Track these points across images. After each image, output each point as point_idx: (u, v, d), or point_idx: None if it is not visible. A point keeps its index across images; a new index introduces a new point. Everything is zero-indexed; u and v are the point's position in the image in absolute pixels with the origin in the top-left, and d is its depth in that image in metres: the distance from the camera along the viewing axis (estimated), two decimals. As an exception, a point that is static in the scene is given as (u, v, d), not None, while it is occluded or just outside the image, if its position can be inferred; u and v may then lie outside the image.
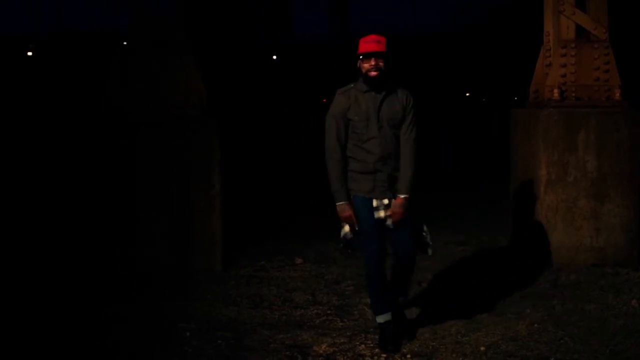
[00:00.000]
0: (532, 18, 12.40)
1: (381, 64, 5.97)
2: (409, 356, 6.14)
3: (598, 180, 8.85)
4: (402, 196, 6.09)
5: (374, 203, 6.10)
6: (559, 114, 8.83)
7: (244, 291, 8.00)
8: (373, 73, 5.98)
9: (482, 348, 6.26)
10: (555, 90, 8.92)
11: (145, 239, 8.65)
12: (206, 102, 8.81)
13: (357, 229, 6.12)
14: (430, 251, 6.46)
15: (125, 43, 9.03)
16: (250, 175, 16.22)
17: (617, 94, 8.99)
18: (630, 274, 8.47)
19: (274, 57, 49.43)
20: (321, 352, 6.19)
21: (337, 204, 6.12)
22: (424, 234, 6.36)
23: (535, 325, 6.80)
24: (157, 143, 8.64)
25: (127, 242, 8.62)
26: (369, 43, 6.00)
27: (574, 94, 9.03)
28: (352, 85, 6.15)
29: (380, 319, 6.30)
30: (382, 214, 6.10)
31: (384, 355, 6.13)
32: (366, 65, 6.00)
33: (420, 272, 8.72)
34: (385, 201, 6.10)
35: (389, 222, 6.12)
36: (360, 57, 6.02)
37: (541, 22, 9.49)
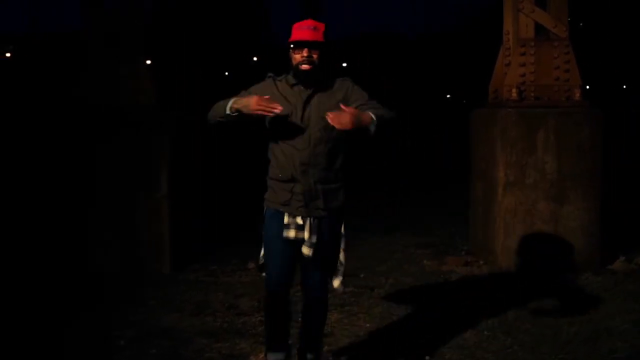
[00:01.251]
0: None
1: (315, 56, 4.97)
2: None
3: (558, 182, 8.63)
4: (371, 114, 4.84)
5: (285, 219, 5.03)
6: (517, 114, 8.61)
7: (189, 297, 7.73)
8: (305, 66, 4.97)
9: (427, 357, 6.01)
10: (514, 90, 8.70)
11: (94, 241, 8.42)
12: (155, 102, 8.57)
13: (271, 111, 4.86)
14: (337, 284, 5.30)
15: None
16: (208, 178, 16.03)
17: (578, 94, 8.78)
18: (590, 279, 8.29)
19: (254, 58, 49.23)
20: (258, 362, 5.94)
21: (235, 107, 4.92)
22: (339, 266, 5.28)
23: (485, 332, 6.57)
24: (105, 140, 8.41)
25: (75, 244, 8.36)
26: (303, 30, 4.99)
27: (533, 94, 8.82)
28: (282, 77, 5.16)
29: (271, 357, 5.30)
30: (292, 234, 5.01)
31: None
32: (297, 57, 5.00)
33: (366, 269, 8.54)
34: (299, 220, 5.00)
35: (304, 249, 5.03)
36: (291, 45, 5.03)
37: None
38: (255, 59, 47.95)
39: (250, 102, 4.85)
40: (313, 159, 5.01)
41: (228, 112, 4.94)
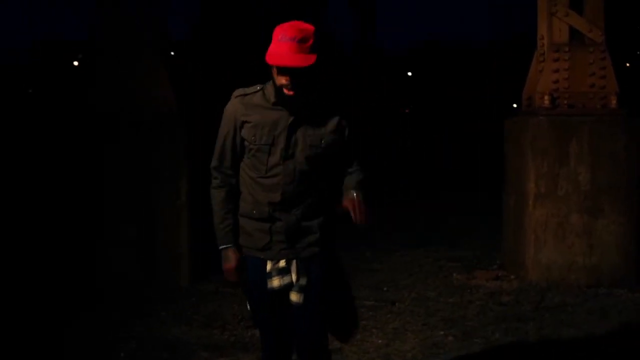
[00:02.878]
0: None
1: (302, 80, 3.98)
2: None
3: (591, 193, 8.24)
4: (356, 193, 4.20)
5: (268, 266, 4.17)
6: (548, 122, 8.25)
7: (203, 309, 7.53)
8: (288, 92, 4.02)
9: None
10: (546, 97, 8.35)
11: (111, 249, 8.24)
12: (176, 108, 8.38)
13: (243, 290, 4.37)
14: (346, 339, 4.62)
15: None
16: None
17: (614, 102, 8.39)
18: (624, 296, 7.89)
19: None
20: (256, 377, 5.69)
21: (220, 248, 4.27)
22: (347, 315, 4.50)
23: (501, 352, 6.23)
24: (124, 146, 8.24)
25: (91, 251, 8.22)
26: (286, 44, 3.92)
27: (566, 101, 8.44)
28: (258, 89, 4.19)
29: None
30: (276, 283, 4.15)
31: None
32: (279, 78, 4.00)
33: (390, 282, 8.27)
34: (282, 264, 4.17)
35: (293, 296, 4.18)
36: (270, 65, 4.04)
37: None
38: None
39: (224, 261, 4.21)
40: (298, 194, 4.15)
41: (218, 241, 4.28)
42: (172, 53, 20.90)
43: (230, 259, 4.19)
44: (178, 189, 8.31)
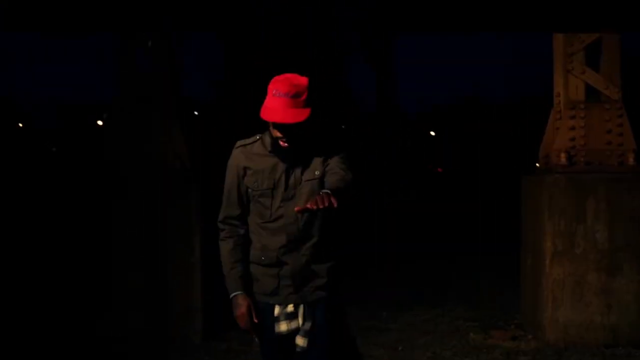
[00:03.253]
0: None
1: (296, 132, 4.11)
2: None
3: (609, 252, 8.12)
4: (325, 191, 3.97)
5: (276, 311, 4.25)
6: (565, 180, 8.17)
7: (214, 366, 7.44)
8: (283, 144, 4.16)
9: None
10: (563, 155, 8.28)
11: (123, 303, 8.20)
12: (189, 164, 8.38)
13: (256, 338, 4.39)
14: None
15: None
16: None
17: (631, 159, 8.30)
18: (644, 356, 7.72)
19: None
20: None
21: (231, 296, 4.33)
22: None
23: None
24: (136, 202, 8.24)
25: (103, 304, 8.18)
26: (280, 99, 4.03)
27: (583, 159, 8.36)
28: (258, 139, 4.33)
29: None
30: (284, 327, 4.24)
31: None
32: (274, 131, 4.16)
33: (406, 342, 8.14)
34: (290, 308, 4.24)
35: (298, 340, 4.24)
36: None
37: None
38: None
39: (234, 308, 4.27)
40: (303, 234, 4.21)
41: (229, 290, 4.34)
42: (196, 113, 21.04)
43: (240, 305, 4.26)
44: (191, 245, 8.26)
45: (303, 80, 4.09)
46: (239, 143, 4.36)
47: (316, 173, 4.22)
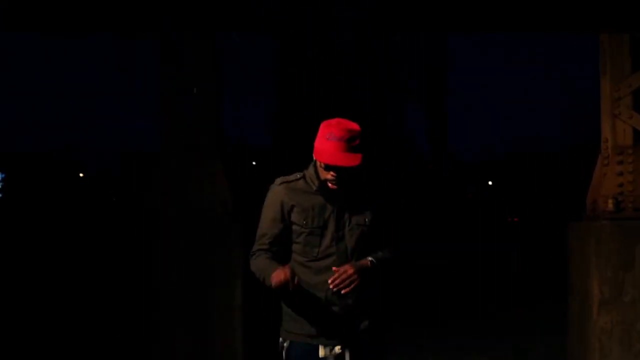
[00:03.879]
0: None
1: (348, 176, 4.19)
2: None
3: (659, 300, 7.92)
4: (370, 258, 4.26)
5: (321, 352, 4.21)
6: (612, 227, 8.01)
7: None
8: (332, 186, 4.22)
9: None
10: (610, 201, 8.12)
11: (163, 348, 8.17)
12: (232, 209, 8.38)
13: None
14: None
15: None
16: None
17: (681, 205, 8.12)
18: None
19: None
20: None
21: (270, 282, 4.15)
22: None
23: None
24: (176, 247, 8.22)
25: (143, 348, 8.16)
26: (334, 143, 4.09)
27: (631, 205, 8.19)
28: (299, 177, 4.36)
29: None
30: None
31: None
32: (325, 173, 4.21)
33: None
34: (338, 349, 4.22)
35: None
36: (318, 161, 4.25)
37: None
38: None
39: (275, 279, 4.09)
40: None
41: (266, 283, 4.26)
42: (254, 163, 21.13)
43: (281, 274, 4.04)
44: (233, 292, 8.22)
45: (355, 126, 4.15)
46: (280, 180, 4.37)
47: (366, 220, 4.28)
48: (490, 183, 48.63)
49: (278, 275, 4.05)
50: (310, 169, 4.33)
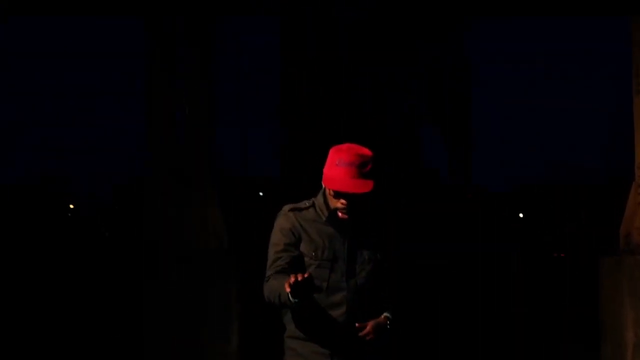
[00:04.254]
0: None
1: (359, 204, 3.98)
2: None
3: (700, 343, 7.22)
4: (386, 314, 4.03)
5: None
6: (647, 262, 7.36)
7: None
8: (343, 216, 3.99)
9: None
10: (645, 234, 7.46)
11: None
12: (227, 244, 7.85)
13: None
14: None
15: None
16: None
17: None
18: None
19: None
20: None
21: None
22: None
23: None
24: (167, 284, 7.72)
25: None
26: (345, 169, 3.90)
27: (668, 238, 7.52)
28: (308, 205, 4.10)
29: None
30: None
31: None
32: (335, 201, 3.98)
33: None
34: None
35: None
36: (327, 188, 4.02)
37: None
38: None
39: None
40: (360, 308, 3.98)
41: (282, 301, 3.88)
42: (261, 194, 20.70)
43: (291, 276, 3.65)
44: (228, 333, 7.67)
45: (367, 151, 3.97)
46: (288, 207, 4.10)
47: (378, 256, 4.09)
48: (521, 215, 47.92)
49: (290, 280, 3.69)
50: (320, 198, 4.09)
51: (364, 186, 3.88)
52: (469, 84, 12.29)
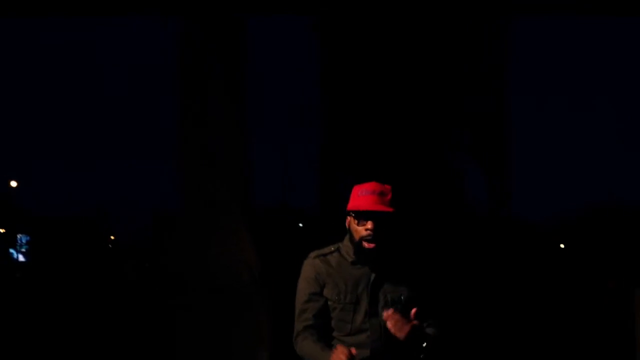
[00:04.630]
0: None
1: (382, 230, 4.12)
2: None
3: None
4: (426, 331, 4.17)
5: None
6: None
7: None
8: (369, 245, 4.12)
9: None
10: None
11: None
12: (259, 275, 7.81)
13: None
14: None
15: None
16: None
17: None
18: None
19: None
20: None
21: None
22: None
23: None
24: (196, 315, 7.67)
25: None
26: (366, 196, 4.14)
27: None
28: (334, 250, 4.30)
29: None
30: None
31: None
32: (360, 229, 4.13)
33: None
34: None
35: None
36: (352, 214, 4.20)
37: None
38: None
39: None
40: (386, 350, 4.15)
41: None
42: (300, 225, 20.76)
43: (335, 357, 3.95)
44: (259, 364, 7.62)
45: (388, 185, 4.21)
46: (314, 253, 4.36)
47: (402, 299, 4.22)
48: (562, 246, 47.18)
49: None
50: (345, 241, 4.31)
51: (384, 205, 4.11)
52: (509, 115, 12.19)
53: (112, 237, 35.77)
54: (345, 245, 4.28)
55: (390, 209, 4.11)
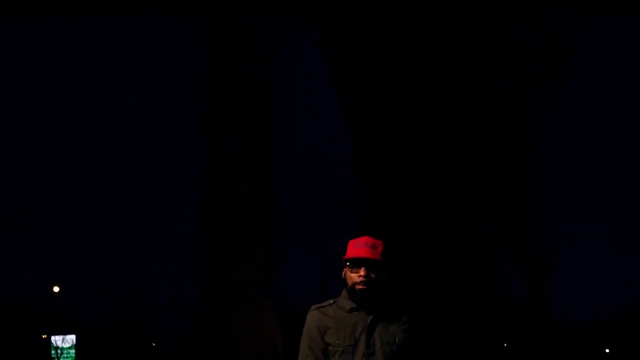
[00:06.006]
0: None
1: (373, 275, 4.56)
2: None
3: None
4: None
5: None
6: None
7: None
8: (361, 287, 4.56)
9: None
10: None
11: None
12: (282, 350, 8.12)
13: None
14: None
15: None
16: None
17: None
18: None
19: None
20: None
21: None
22: None
23: None
24: None
25: None
26: (360, 247, 4.60)
27: None
28: (332, 302, 4.69)
29: None
30: None
31: None
32: (353, 276, 4.56)
33: None
34: None
35: None
36: (347, 264, 4.61)
37: None
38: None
39: None
40: None
41: None
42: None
43: None
44: None
45: (378, 240, 4.63)
46: (314, 306, 4.67)
47: (396, 340, 4.58)
48: (607, 351, 45.97)
49: None
50: (342, 293, 4.66)
51: (375, 255, 4.57)
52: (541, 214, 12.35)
53: (153, 344, 35.72)
54: (342, 296, 4.67)
55: (379, 258, 4.56)
